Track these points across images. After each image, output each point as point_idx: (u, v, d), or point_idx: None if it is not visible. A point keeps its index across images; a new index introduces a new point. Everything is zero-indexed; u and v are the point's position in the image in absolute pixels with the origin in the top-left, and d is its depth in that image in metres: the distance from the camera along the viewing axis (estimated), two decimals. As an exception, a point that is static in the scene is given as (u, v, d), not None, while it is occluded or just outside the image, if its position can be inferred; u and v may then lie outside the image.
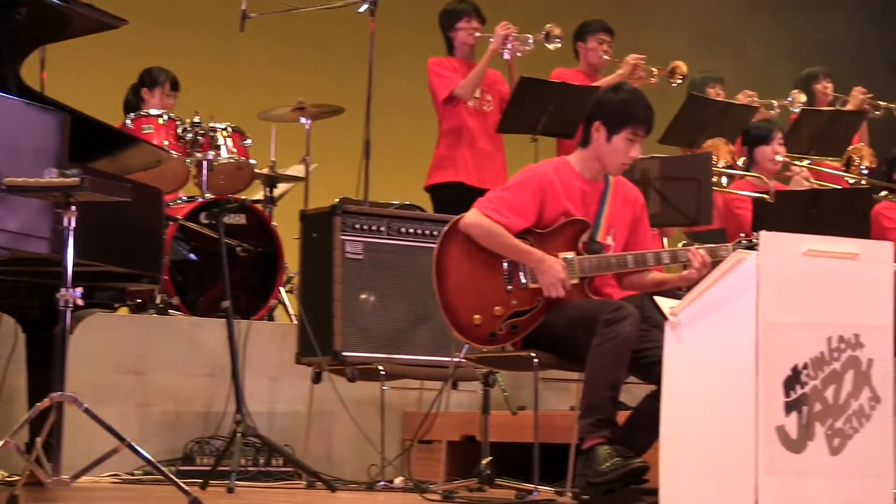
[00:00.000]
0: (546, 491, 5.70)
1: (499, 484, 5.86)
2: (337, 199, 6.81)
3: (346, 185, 8.30)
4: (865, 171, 8.31)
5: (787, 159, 8.37)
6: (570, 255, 5.53)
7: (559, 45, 8.45)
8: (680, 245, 7.30)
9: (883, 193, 8.27)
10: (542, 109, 8.10)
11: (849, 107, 9.57)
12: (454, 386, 6.64)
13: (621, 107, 5.59)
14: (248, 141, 8.32)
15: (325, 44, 11.24)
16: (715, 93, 9.36)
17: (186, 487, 4.78)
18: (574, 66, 8.88)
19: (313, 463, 6.65)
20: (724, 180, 7.88)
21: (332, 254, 6.60)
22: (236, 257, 7.73)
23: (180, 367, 7.16)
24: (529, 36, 8.39)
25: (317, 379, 6.71)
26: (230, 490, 5.88)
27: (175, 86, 8.78)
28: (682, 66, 8.93)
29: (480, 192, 5.97)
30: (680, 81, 8.86)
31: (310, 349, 6.60)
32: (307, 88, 9.23)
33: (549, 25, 8.42)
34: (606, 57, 8.85)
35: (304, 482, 6.54)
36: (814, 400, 4.82)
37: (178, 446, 6.87)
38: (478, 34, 8.47)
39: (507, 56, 8.39)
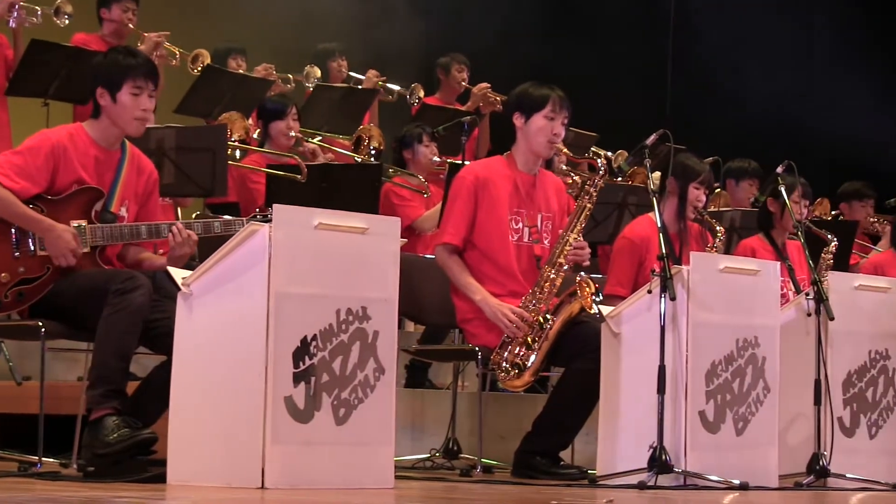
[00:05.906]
0: (51, 463, 5.60)
1: (1, 456, 5.71)
2: None
3: None
4: (374, 151, 8.54)
5: (300, 135, 8.50)
6: (82, 223, 5.45)
7: (67, 22, 8.26)
8: (193, 216, 7.30)
9: (392, 171, 8.54)
10: (54, 74, 7.93)
11: (363, 86, 9.79)
12: (-45, 356, 6.43)
13: (114, 65, 5.55)
14: None
15: None
16: (236, 64, 9.39)
17: None
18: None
19: None
20: (237, 153, 7.93)
21: None
22: None
23: None
24: (38, 8, 8.17)
25: None
26: None
27: None
28: (206, 56, 8.95)
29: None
30: (200, 70, 8.82)
31: None
32: None
33: (60, 1, 8.23)
34: (131, 25, 8.72)
35: None
36: (321, 371, 4.95)
37: None
38: None
39: (13, 24, 8.12)
